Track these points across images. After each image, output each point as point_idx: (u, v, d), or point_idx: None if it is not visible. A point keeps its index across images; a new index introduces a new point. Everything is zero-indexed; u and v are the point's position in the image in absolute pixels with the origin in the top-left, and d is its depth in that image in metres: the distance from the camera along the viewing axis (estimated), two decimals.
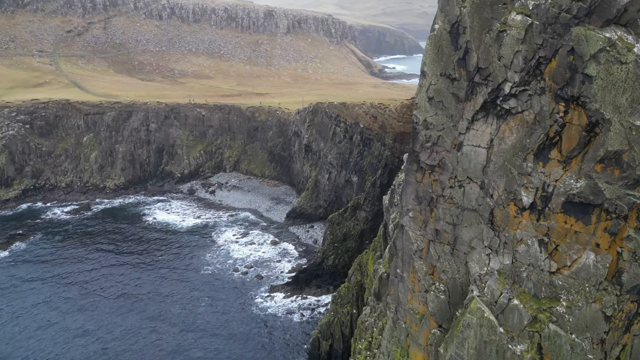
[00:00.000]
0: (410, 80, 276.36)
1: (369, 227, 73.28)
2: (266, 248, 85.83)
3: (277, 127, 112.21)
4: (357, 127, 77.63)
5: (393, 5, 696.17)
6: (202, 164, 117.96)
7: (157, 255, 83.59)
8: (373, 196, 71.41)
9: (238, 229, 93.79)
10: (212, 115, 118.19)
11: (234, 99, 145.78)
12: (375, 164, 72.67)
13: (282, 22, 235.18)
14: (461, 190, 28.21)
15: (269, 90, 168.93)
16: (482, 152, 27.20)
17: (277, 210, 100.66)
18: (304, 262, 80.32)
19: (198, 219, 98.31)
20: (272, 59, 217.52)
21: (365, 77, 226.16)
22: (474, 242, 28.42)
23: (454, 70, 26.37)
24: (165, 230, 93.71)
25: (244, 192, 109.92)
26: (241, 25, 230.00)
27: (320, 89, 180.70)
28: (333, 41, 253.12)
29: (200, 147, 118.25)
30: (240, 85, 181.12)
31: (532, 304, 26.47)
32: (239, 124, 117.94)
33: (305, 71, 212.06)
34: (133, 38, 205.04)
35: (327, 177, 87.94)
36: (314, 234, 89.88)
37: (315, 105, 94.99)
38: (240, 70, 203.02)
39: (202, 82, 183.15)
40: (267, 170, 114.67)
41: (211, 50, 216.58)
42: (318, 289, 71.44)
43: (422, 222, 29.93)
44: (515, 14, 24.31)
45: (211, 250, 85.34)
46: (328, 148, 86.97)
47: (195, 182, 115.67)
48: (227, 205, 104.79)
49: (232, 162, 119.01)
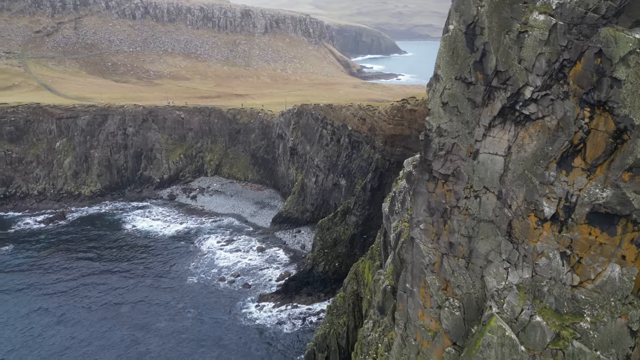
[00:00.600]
0: (389, 80, 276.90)
1: (359, 231, 71.63)
2: (252, 255, 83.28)
3: (260, 130, 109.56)
4: (345, 129, 75.85)
5: (368, 5, 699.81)
6: (182, 168, 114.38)
7: (138, 265, 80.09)
8: (363, 200, 69.75)
9: (222, 235, 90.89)
10: (191, 118, 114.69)
11: (213, 101, 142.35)
12: (364, 167, 71.04)
13: (260, 22, 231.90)
14: (477, 200, 26.61)
15: (249, 91, 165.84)
16: (499, 160, 25.66)
17: (262, 215, 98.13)
18: (292, 268, 78.14)
19: (180, 226, 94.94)
20: (251, 59, 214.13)
21: (344, 77, 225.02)
22: (490, 255, 26.89)
23: (470, 73, 24.72)
24: (146, 238, 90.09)
25: (226, 197, 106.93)
26: (218, 25, 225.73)
27: (301, 89, 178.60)
28: (311, 41, 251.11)
29: (180, 150, 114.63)
30: (218, 86, 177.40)
31: (555, 320, 25.07)
32: (220, 127, 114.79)
33: (284, 71, 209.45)
34: (105, 38, 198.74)
35: (314, 180, 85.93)
36: (301, 239, 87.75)
37: (300, 107, 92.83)
38: (218, 71, 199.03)
39: (179, 84, 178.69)
40: (250, 173, 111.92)
41: (187, 50, 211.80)
42: (309, 297, 69.38)
43: (435, 235, 28.26)
44: (537, 13, 22.79)
45: (195, 259, 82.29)
46: (315, 151, 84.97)
47: (175, 187, 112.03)
48: (210, 210, 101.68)
49: (214, 166, 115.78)
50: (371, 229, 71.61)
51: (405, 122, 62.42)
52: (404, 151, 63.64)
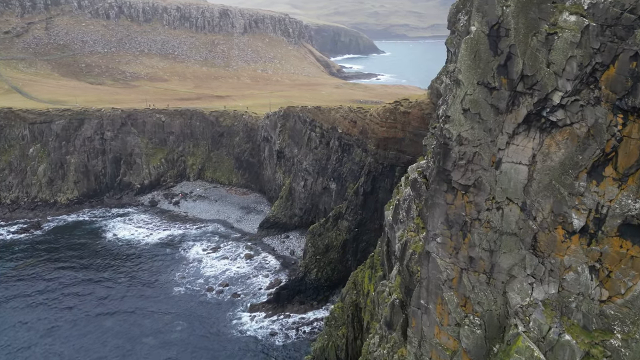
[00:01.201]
0: (369, 79, 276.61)
1: (351, 237, 69.93)
2: (240, 262, 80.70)
3: (244, 133, 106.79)
4: (335, 132, 74.04)
5: (345, 4, 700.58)
6: (163, 173, 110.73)
7: (122, 276, 76.62)
8: (356, 204, 68.07)
9: (208, 242, 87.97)
10: (172, 121, 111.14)
11: (194, 103, 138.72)
12: (356, 170, 69.37)
13: (239, 22, 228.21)
14: (499, 212, 25.08)
15: (230, 93, 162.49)
16: (523, 169, 24.19)
17: (249, 221, 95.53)
18: (282, 276, 75.94)
19: (163, 233, 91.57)
20: (230, 59, 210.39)
21: (325, 77, 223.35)
22: (514, 270, 25.39)
23: (494, 78, 23.16)
24: (128, 247, 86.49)
25: (211, 202, 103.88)
26: (195, 25, 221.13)
27: (282, 90, 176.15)
28: (291, 41, 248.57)
29: (161, 155, 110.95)
30: (198, 87, 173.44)
31: (584, 337, 23.72)
32: (203, 130, 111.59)
33: (265, 72, 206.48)
34: (78, 39, 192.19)
35: (302, 184, 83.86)
36: (290, 244, 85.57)
37: (287, 109, 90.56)
38: (197, 72, 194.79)
39: (157, 85, 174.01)
40: (235, 177, 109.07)
41: (165, 51, 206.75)
42: (301, 306, 67.34)
43: (453, 249, 26.64)
44: (567, 14, 21.34)
45: (181, 268, 79.24)
46: (303, 154, 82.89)
47: (156, 192, 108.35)
48: (194, 216, 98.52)
49: (196, 170, 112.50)
50: (364, 234, 70.04)
51: (398, 125, 60.98)
52: (398, 154, 62.22)
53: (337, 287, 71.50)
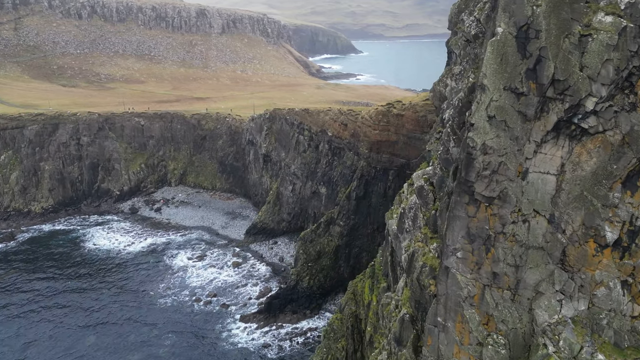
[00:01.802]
0: (348, 79, 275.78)
1: (344, 242, 68.17)
2: (228, 271, 78.04)
3: (227, 136, 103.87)
4: (325, 135, 72.11)
5: (322, 4, 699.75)
6: (143, 179, 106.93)
7: (103, 288, 73.09)
8: (348, 209, 66.32)
9: (193, 250, 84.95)
10: (152, 125, 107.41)
11: (173, 105, 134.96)
12: (348, 174, 67.64)
13: (216, 22, 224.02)
14: (525, 225, 23.60)
15: (209, 94, 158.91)
16: (550, 179, 22.76)
17: (235, 227, 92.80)
18: (273, 284, 73.65)
19: (145, 242, 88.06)
20: (208, 60, 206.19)
21: (306, 77, 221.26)
22: (541, 286, 23.95)
23: (522, 83, 21.64)
24: (109, 257, 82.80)
25: (194, 208, 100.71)
26: (172, 25, 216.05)
27: (263, 91, 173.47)
28: (270, 41, 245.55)
29: (141, 160, 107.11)
30: (176, 89, 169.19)
31: (616, 356, 22.46)
32: (184, 133, 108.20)
33: (244, 73, 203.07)
34: (50, 40, 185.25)
35: (290, 188, 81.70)
36: (279, 250, 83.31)
37: (273, 112, 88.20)
38: (174, 73, 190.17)
39: (134, 87, 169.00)
40: (219, 182, 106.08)
41: (140, 52, 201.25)
42: (294, 315, 65.23)
43: (475, 264, 25.07)
44: (603, 14, 19.96)
45: (166, 278, 76.11)
46: (291, 158, 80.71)
47: (137, 199, 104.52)
48: (177, 223, 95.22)
49: (178, 175, 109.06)
50: (356, 239, 68.39)
51: (391, 128, 59.49)
52: (391, 158, 60.73)
53: (329, 294, 69.76)
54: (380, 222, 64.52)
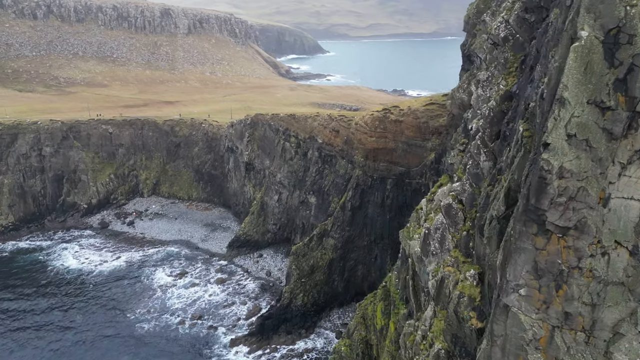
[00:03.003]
0: (319, 80, 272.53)
1: (338, 255, 64.54)
2: (212, 289, 72.95)
3: (204, 143, 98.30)
4: (314, 142, 68.18)
5: (287, 4, 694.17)
6: (113, 190, 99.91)
7: (75, 313, 66.69)
8: (343, 221, 62.71)
9: (172, 267, 79.25)
10: (121, 132, 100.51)
11: (141, 110, 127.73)
12: (341, 183, 63.98)
13: (182, 22, 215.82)
14: (605, 259, 20.47)
15: (179, 98, 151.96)
16: (635, 206, 19.66)
17: (215, 239, 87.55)
18: (262, 301, 69.18)
19: (119, 260, 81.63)
20: (175, 62, 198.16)
21: (277, 79, 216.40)
22: (621, 326, 20.89)
23: (608, 95, 18.49)
24: (79, 278, 76.06)
25: (170, 220, 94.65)
26: (135, 25, 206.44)
27: (235, 93, 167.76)
28: (238, 42, 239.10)
29: (110, 170, 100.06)
30: (143, 93, 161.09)
31: None
32: (156, 141, 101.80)
33: (214, 74, 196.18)
34: (2, 41, 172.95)
35: (276, 198, 77.35)
36: (265, 264, 78.83)
37: (254, 117, 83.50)
38: (139, 76, 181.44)
39: (97, 91, 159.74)
40: (195, 191, 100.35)
41: (102, 53, 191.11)
42: (289, 336, 61.07)
43: (542, 303, 21.85)
44: None
45: (144, 300, 70.33)
46: (276, 166, 76.34)
47: (107, 212, 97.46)
48: (152, 238, 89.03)
49: (151, 185, 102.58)
50: (351, 252, 64.91)
51: (389, 135, 56.26)
52: (389, 166, 57.52)
53: (324, 310, 66.00)
54: (378, 234, 61.29)
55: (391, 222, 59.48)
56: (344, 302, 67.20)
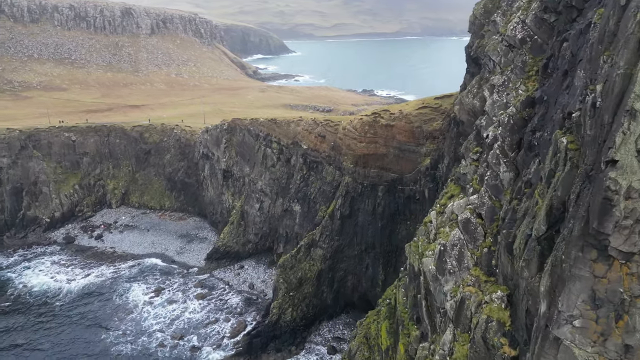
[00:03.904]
0: (288, 81, 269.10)
1: (327, 266, 61.77)
2: (193, 305, 68.71)
3: (176, 149, 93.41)
4: (298, 148, 65.10)
5: (250, 4, 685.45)
6: (78, 202, 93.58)
7: (42, 339, 61.13)
8: (331, 230, 59.97)
9: (148, 283, 74.39)
10: (85, 140, 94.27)
11: (106, 115, 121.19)
12: (328, 191, 61.21)
13: (144, 22, 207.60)
14: None
15: (146, 101, 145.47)
16: None
17: (192, 251, 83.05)
18: (247, 317, 65.54)
19: (89, 277, 75.99)
20: (138, 63, 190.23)
21: (246, 80, 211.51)
22: None
23: None
24: (45, 299, 70.17)
25: (142, 232, 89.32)
26: (94, 25, 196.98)
27: (204, 96, 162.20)
28: (204, 42, 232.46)
29: (74, 180, 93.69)
30: (106, 96, 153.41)
31: None
32: (124, 148, 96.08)
33: (180, 76, 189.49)
34: None
35: (257, 207, 73.82)
36: (247, 276, 75.14)
37: (232, 122, 79.51)
38: (101, 79, 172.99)
39: (55, 95, 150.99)
40: (168, 201, 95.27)
41: (59, 55, 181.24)
42: (278, 354, 57.80)
43: (599, 335, 19.74)
44: None
45: (119, 322, 65.34)
46: (257, 173, 72.79)
47: (72, 225, 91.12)
48: (124, 252, 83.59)
49: (119, 195, 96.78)
50: (341, 262, 62.27)
51: (379, 140, 53.93)
52: (380, 172, 55.19)
53: (313, 324, 63.05)
54: (369, 243, 58.87)
55: (383, 231, 57.23)
56: (333, 315, 64.53)
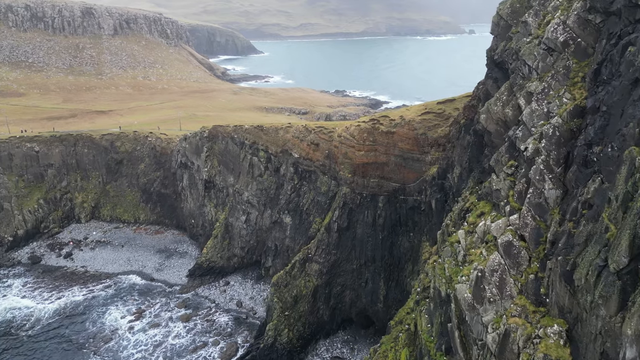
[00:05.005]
0: (258, 82, 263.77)
1: (324, 281, 58.16)
2: (177, 328, 63.66)
3: (151, 158, 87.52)
4: (288, 156, 61.14)
5: (213, 3, 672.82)
6: (44, 218, 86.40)
7: None
8: (328, 243, 56.38)
9: (125, 305, 68.72)
10: (50, 151, 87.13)
11: (70, 123, 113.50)
12: (323, 202, 57.56)
13: (107, 22, 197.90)
14: None
15: (112, 106, 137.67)
16: None
17: (172, 267, 77.68)
18: (238, 338, 61.08)
19: (59, 302, 69.57)
20: (102, 66, 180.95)
21: (217, 82, 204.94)
22: None
23: None
24: (8, 329, 63.55)
25: (115, 248, 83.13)
26: (52, 26, 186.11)
27: (174, 99, 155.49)
28: (171, 43, 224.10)
29: (38, 194, 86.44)
30: (68, 101, 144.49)
31: None
32: (93, 158, 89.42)
33: (147, 79, 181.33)
34: None
35: (243, 219, 69.39)
36: (234, 292, 70.61)
37: (213, 130, 74.61)
38: (62, 83, 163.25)
39: (12, 102, 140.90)
40: (143, 213, 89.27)
41: (15, 58, 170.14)
42: None
43: None
44: None
45: (94, 351, 59.62)
46: (243, 183, 68.33)
47: (37, 244, 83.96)
48: (97, 271, 77.38)
49: (89, 209, 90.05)
50: (338, 277, 58.78)
51: (380, 147, 50.74)
52: (380, 182, 52.01)
53: (309, 343, 59.32)
54: (369, 256, 55.60)
55: (383, 243, 54.10)
56: (330, 332, 61.00)
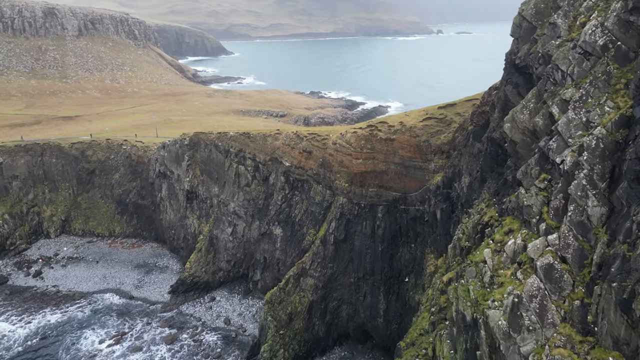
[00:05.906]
0: (231, 84, 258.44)
1: (319, 296, 55.20)
2: (161, 352, 59.33)
3: (126, 168, 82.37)
4: (278, 165, 57.82)
5: (181, 3, 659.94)
6: (9, 234, 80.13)
7: None
8: (324, 256, 53.44)
9: (103, 328, 63.85)
10: (14, 161, 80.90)
11: (35, 130, 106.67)
12: (317, 212, 54.56)
13: (70, 23, 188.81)
14: None
15: (79, 112, 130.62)
16: None
17: (153, 284, 73.04)
18: (229, 359, 57.48)
19: (29, 327, 64.13)
20: (66, 69, 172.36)
21: (189, 84, 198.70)
22: None
23: None
24: None
25: (89, 265, 77.76)
26: (12, 27, 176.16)
27: (146, 103, 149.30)
28: (139, 44, 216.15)
29: (2, 209, 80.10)
30: (31, 107, 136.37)
31: None
32: (62, 168, 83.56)
33: (115, 82, 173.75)
34: None
35: (229, 231, 65.64)
36: (221, 309, 66.73)
37: (194, 137, 70.37)
38: (24, 87, 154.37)
39: None
40: (118, 226, 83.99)
41: None
42: None
43: None
44: None
45: None
46: (228, 194, 64.55)
47: (3, 262, 77.70)
48: (70, 290, 71.96)
49: (59, 223, 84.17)
50: (334, 291, 55.93)
51: (378, 155, 48.17)
52: (379, 191, 49.43)
53: None
54: (367, 269, 52.97)
55: (383, 255, 51.58)
56: (326, 349, 58.07)
